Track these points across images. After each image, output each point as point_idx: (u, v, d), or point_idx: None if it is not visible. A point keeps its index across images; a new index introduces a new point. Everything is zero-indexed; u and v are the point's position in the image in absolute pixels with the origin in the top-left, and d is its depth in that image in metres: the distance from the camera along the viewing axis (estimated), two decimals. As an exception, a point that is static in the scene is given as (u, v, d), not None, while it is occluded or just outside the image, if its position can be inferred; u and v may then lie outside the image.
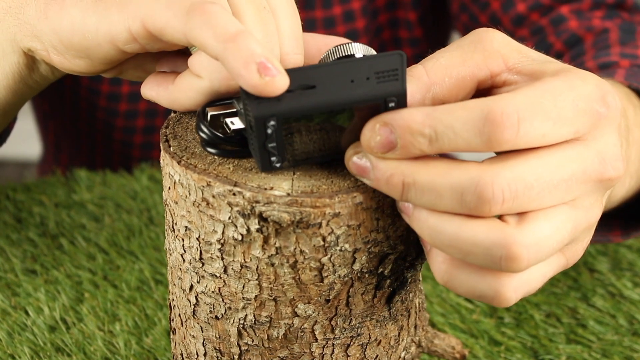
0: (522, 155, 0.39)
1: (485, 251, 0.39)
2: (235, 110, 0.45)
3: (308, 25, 0.92)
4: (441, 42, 1.03)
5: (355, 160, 0.41)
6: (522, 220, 0.39)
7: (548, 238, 0.40)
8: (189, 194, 0.43)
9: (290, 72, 0.40)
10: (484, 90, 0.44)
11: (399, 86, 0.40)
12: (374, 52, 0.44)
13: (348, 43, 0.44)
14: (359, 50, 0.44)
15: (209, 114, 0.45)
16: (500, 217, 0.40)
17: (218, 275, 0.44)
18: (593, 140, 0.41)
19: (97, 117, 0.95)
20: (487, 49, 0.43)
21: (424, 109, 0.39)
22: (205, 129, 0.44)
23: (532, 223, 0.39)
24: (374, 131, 0.40)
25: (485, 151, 0.39)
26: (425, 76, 0.42)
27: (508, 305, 0.41)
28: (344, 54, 0.44)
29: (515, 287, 0.41)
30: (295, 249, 0.42)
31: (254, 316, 0.45)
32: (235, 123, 0.45)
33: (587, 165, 0.40)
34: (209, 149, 0.44)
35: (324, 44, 0.48)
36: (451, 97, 0.43)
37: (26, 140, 1.92)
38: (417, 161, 0.40)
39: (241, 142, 0.44)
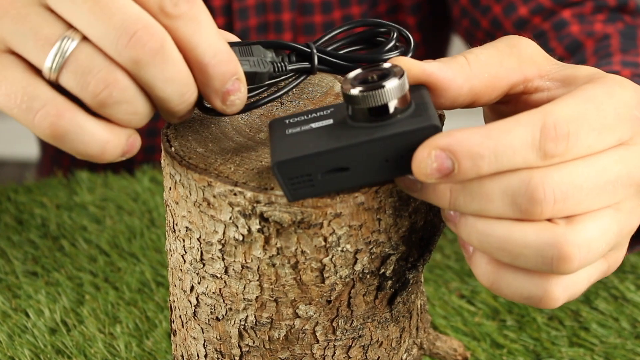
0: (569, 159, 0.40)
1: (536, 252, 0.39)
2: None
3: (307, 30, 0.92)
4: (439, 47, 1.03)
5: None
6: (571, 221, 0.39)
7: (598, 239, 0.39)
8: (190, 194, 0.43)
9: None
10: (515, 94, 0.44)
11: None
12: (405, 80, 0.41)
13: (380, 85, 0.40)
14: (393, 93, 0.40)
15: None
16: (549, 221, 0.40)
17: (219, 276, 0.44)
18: (635, 145, 0.41)
19: None
20: (522, 54, 0.43)
21: (479, 129, 0.39)
22: None
23: (582, 224, 0.39)
24: (430, 157, 0.38)
25: (538, 165, 0.39)
26: (468, 67, 0.42)
27: (555, 306, 0.41)
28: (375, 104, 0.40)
29: (564, 287, 0.40)
30: (296, 249, 0.42)
31: (255, 317, 0.45)
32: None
33: (631, 168, 0.40)
34: (205, 105, 0.44)
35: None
36: (485, 95, 0.43)
37: (26, 140, 1.92)
38: None
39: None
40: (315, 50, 0.46)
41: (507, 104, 0.45)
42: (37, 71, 0.42)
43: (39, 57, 0.41)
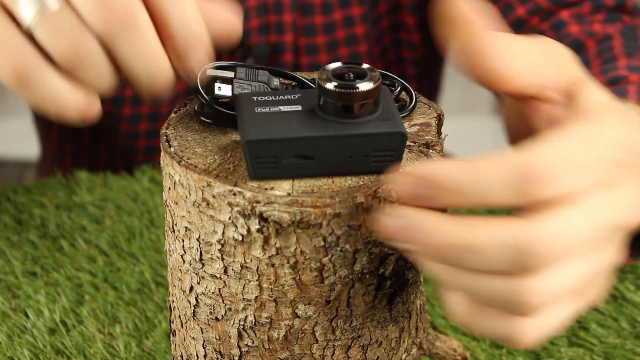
0: (554, 208, 0.39)
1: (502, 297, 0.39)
2: (230, 77, 0.46)
3: (308, 31, 0.92)
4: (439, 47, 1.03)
5: (392, 221, 0.39)
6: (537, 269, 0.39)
7: (565, 286, 0.39)
8: (189, 194, 0.43)
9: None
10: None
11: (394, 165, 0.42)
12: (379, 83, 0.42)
13: (354, 86, 0.41)
14: (365, 95, 0.41)
15: (207, 72, 0.46)
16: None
17: (218, 276, 0.44)
18: (616, 188, 0.40)
19: (102, 121, 0.95)
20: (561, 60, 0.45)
21: (455, 164, 0.38)
22: (199, 86, 0.46)
23: (552, 272, 0.39)
24: (406, 182, 0.39)
25: (517, 205, 0.38)
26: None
27: (525, 347, 0.41)
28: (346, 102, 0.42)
29: (529, 330, 0.40)
30: (295, 249, 0.42)
31: (254, 317, 0.45)
32: (222, 89, 0.46)
33: (620, 212, 0.40)
34: (202, 118, 0.46)
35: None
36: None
37: (26, 140, 1.92)
38: (460, 218, 0.39)
39: (219, 108, 0.46)
40: None
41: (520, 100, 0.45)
42: (14, 20, 0.43)
43: (19, 9, 0.43)
